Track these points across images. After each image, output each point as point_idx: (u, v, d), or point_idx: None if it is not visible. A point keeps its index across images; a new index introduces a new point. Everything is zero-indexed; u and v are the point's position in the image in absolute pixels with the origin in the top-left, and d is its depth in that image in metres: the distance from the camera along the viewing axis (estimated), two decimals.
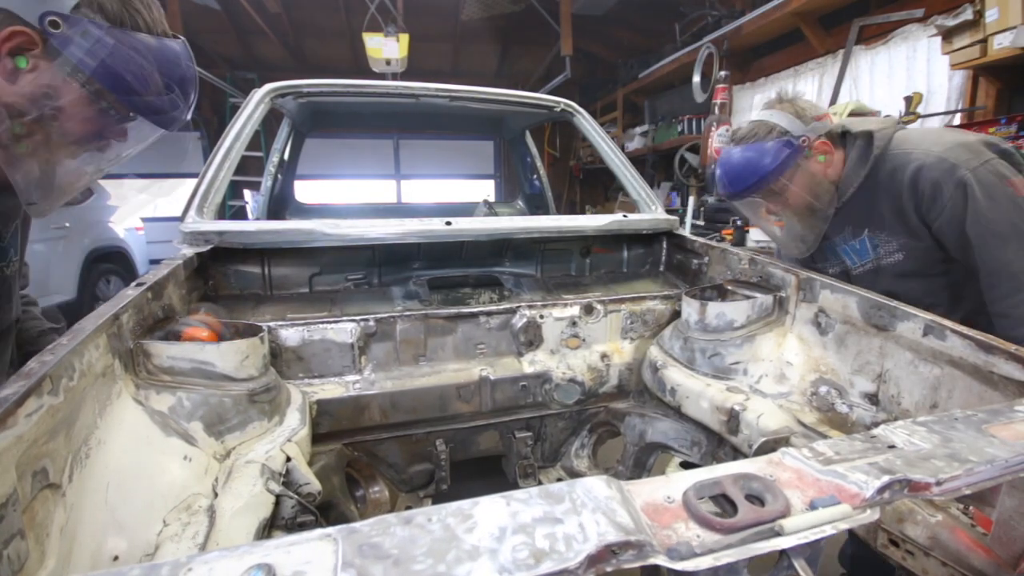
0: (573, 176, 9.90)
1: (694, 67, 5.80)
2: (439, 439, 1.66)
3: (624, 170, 2.27)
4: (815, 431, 1.22)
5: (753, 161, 1.46)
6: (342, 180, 9.91)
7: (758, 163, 1.46)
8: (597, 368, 1.71)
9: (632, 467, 1.78)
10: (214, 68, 7.74)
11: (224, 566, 0.42)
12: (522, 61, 9.32)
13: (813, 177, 1.48)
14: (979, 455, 0.61)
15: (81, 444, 0.78)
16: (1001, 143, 1.37)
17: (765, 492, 0.55)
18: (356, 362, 1.50)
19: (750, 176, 1.48)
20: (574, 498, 0.51)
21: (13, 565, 0.59)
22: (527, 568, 0.42)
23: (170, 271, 1.30)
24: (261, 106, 2.01)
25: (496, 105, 2.52)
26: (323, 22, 7.94)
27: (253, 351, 1.16)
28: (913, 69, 4.16)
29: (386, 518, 0.47)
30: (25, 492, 0.64)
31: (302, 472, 1.12)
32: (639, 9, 7.15)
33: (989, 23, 3.03)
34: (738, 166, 1.50)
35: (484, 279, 1.97)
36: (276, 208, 3.22)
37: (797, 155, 1.44)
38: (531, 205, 3.85)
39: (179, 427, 1.02)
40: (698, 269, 1.92)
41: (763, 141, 1.46)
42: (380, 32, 5.50)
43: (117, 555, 0.78)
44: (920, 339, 1.12)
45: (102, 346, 0.90)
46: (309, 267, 1.76)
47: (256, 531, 0.93)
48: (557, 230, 1.86)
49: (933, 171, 1.33)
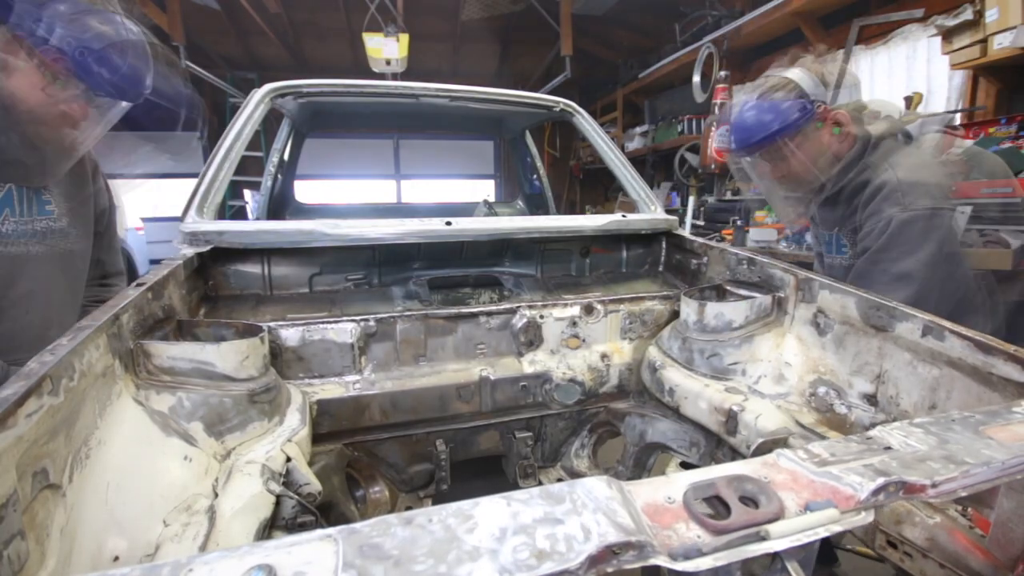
0: (573, 176, 9.89)
1: (694, 67, 5.80)
2: (439, 439, 1.66)
3: (624, 170, 2.27)
4: (813, 432, 1.22)
5: (764, 117, 1.46)
6: (342, 180, 9.90)
7: (769, 120, 1.45)
8: (597, 368, 1.71)
9: (632, 467, 1.78)
10: (214, 68, 7.72)
11: (225, 566, 0.42)
12: (522, 61, 9.31)
13: (818, 147, 1.48)
14: (976, 457, 0.61)
15: (81, 444, 0.79)
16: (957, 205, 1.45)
17: (759, 494, 0.55)
18: (356, 362, 1.50)
19: (758, 131, 1.48)
20: (575, 498, 0.51)
21: (13, 565, 0.59)
22: (528, 569, 0.43)
23: (170, 271, 1.30)
24: (261, 106, 2.01)
25: (496, 105, 2.52)
26: (323, 22, 7.93)
27: (253, 351, 1.16)
28: (913, 69, 4.16)
29: (387, 518, 0.47)
30: (25, 492, 0.64)
31: (302, 472, 1.12)
32: (639, 9, 7.14)
33: (989, 23, 3.03)
34: (749, 119, 1.50)
35: (484, 279, 1.97)
36: (276, 208, 3.22)
37: (808, 119, 1.43)
38: (531, 205, 3.85)
39: (179, 427, 1.02)
40: (697, 269, 1.92)
41: (779, 100, 1.45)
42: (380, 32, 5.50)
43: (117, 555, 0.78)
44: (919, 340, 1.12)
45: (102, 346, 0.91)
46: (309, 267, 1.76)
47: (256, 531, 0.93)
48: (557, 230, 1.86)
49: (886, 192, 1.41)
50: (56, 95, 1.15)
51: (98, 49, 1.13)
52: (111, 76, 1.16)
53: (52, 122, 1.18)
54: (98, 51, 1.13)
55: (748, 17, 5.24)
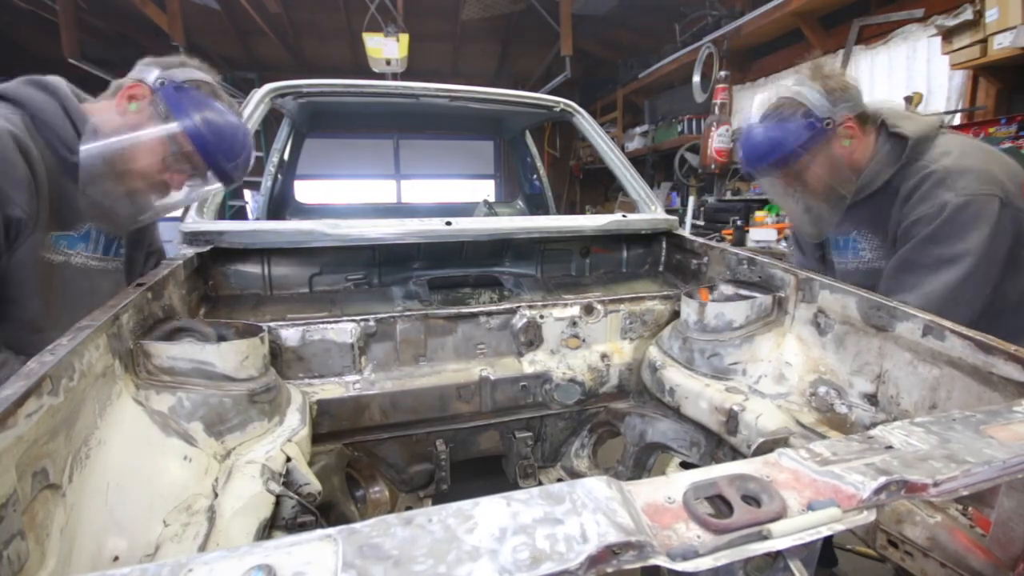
0: (573, 176, 9.90)
1: (694, 67, 5.81)
2: (439, 439, 1.66)
3: (624, 170, 2.27)
4: (814, 431, 1.22)
5: (774, 140, 1.46)
6: (342, 180, 9.91)
7: (778, 143, 1.45)
8: (597, 368, 1.71)
9: (632, 467, 1.78)
10: (214, 68, 7.72)
11: (225, 567, 0.42)
12: (522, 61, 9.31)
13: (834, 161, 1.46)
14: (977, 456, 0.61)
15: (81, 444, 0.78)
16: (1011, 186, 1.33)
17: (761, 493, 0.55)
18: (356, 362, 1.50)
19: (769, 155, 1.48)
20: (575, 499, 0.51)
21: (13, 566, 0.59)
22: (528, 569, 0.43)
23: (170, 271, 1.30)
24: (261, 106, 2.01)
25: (496, 105, 2.52)
26: (323, 22, 7.93)
27: (253, 351, 1.16)
28: (913, 69, 4.16)
29: (387, 519, 0.47)
30: (25, 492, 0.64)
31: (302, 472, 1.12)
32: (639, 9, 7.14)
33: (989, 23, 3.03)
34: (759, 143, 1.50)
35: (484, 279, 1.97)
36: (276, 208, 3.23)
37: (819, 138, 1.42)
38: (531, 205, 3.85)
39: (179, 427, 1.02)
40: (697, 269, 1.92)
41: (786, 121, 1.44)
42: (380, 32, 5.50)
43: (117, 555, 0.78)
44: (919, 339, 1.12)
45: (102, 346, 0.90)
46: (309, 267, 1.76)
47: (256, 531, 0.93)
48: (557, 230, 1.86)
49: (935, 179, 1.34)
50: (171, 165, 1.27)
51: (225, 140, 1.29)
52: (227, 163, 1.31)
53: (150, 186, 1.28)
54: (225, 142, 1.29)
55: (748, 17, 5.24)
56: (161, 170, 1.27)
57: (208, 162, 1.29)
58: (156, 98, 1.24)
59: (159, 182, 1.29)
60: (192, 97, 1.26)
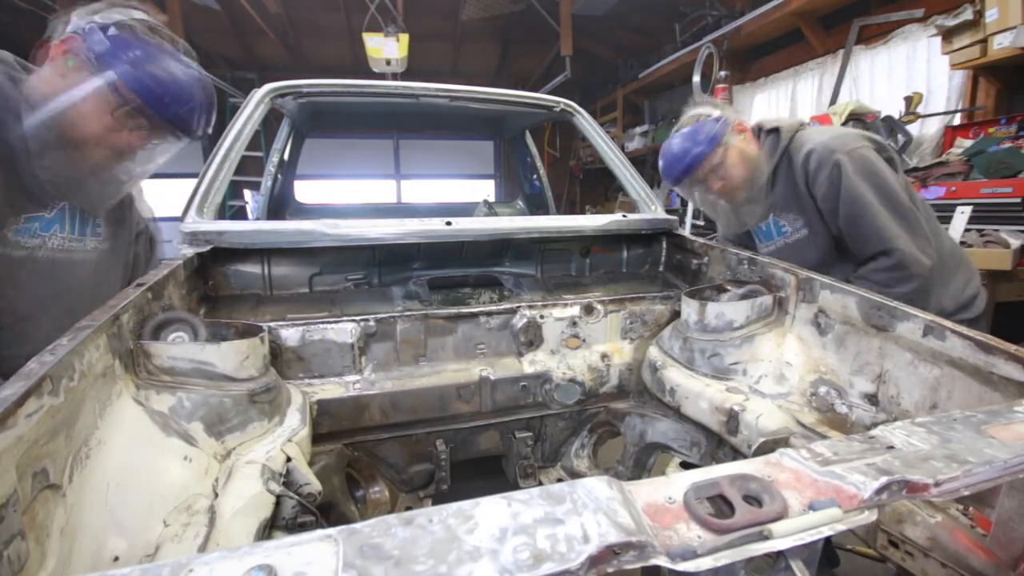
0: (573, 176, 9.89)
1: (694, 67, 5.80)
2: (439, 439, 1.66)
3: (624, 170, 2.27)
4: (814, 432, 1.22)
5: (689, 142, 1.72)
6: (342, 180, 9.90)
7: (694, 141, 1.71)
8: (597, 368, 1.71)
9: (632, 467, 1.78)
10: (214, 68, 7.73)
11: (225, 567, 0.42)
12: (522, 61, 9.31)
13: (742, 154, 1.72)
14: (978, 456, 0.61)
15: (81, 444, 0.78)
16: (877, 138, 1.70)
17: (763, 493, 0.55)
18: (356, 362, 1.50)
19: (687, 155, 1.72)
20: (575, 499, 0.51)
21: (13, 566, 0.59)
22: (528, 569, 0.43)
23: (170, 271, 1.30)
24: (261, 106, 2.01)
25: (496, 105, 2.52)
26: (323, 22, 7.93)
27: (253, 351, 1.16)
28: (913, 69, 4.16)
29: (387, 519, 0.47)
30: (25, 492, 0.64)
31: (302, 472, 1.12)
32: (639, 9, 7.15)
33: (989, 23, 3.03)
34: (677, 149, 1.75)
35: (484, 279, 1.97)
36: (276, 208, 3.22)
37: (724, 129, 1.70)
38: (531, 205, 3.85)
39: (179, 427, 1.02)
40: (698, 269, 1.92)
41: (695, 129, 1.72)
42: (380, 32, 5.50)
43: (117, 555, 0.78)
44: (920, 339, 1.12)
45: (102, 346, 0.90)
46: (309, 267, 1.76)
47: (256, 532, 0.93)
48: (557, 230, 1.86)
49: (818, 153, 1.63)
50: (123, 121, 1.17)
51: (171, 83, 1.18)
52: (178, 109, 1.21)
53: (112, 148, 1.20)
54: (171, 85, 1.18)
55: (748, 17, 5.24)
56: (113, 128, 1.17)
57: (156, 109, 1.17)
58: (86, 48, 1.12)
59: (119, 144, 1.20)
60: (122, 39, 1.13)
